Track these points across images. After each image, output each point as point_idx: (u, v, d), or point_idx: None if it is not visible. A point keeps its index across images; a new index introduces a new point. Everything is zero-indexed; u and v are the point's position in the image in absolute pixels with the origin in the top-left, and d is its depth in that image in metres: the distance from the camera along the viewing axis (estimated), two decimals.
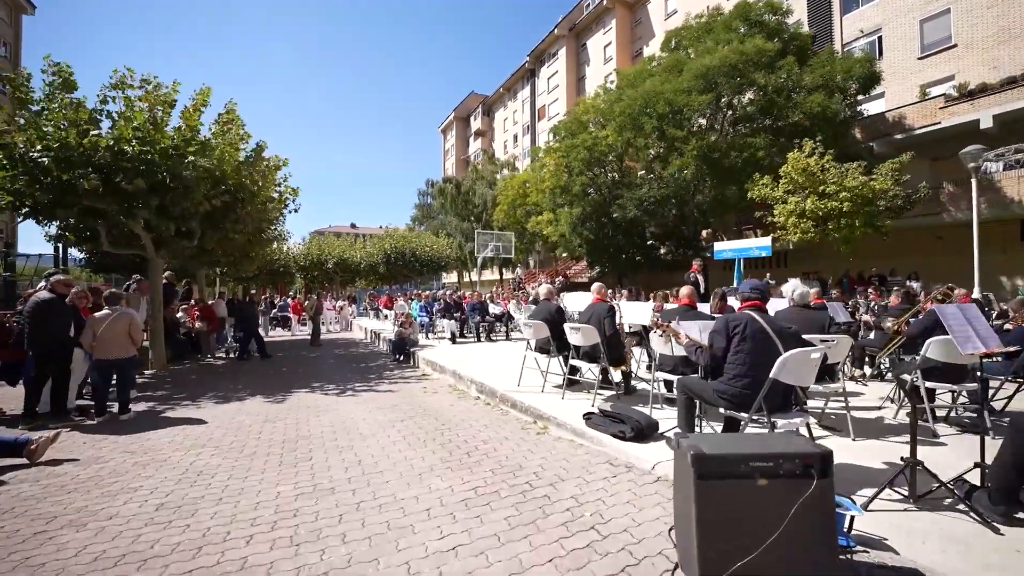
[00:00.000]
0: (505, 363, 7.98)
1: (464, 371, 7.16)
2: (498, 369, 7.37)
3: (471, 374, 6.91)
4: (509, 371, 7.11)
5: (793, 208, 13.97)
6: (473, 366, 7.70)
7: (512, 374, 6.80)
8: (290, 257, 27.79)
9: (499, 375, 6.84)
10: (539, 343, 6.05)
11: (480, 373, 6.99)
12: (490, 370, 7.29)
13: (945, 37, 19.51)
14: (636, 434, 3.87)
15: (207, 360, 11.07)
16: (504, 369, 7.32)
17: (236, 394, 7.00)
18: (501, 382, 6.32)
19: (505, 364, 7.86)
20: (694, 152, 16.59)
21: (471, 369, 7.36)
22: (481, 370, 7.28)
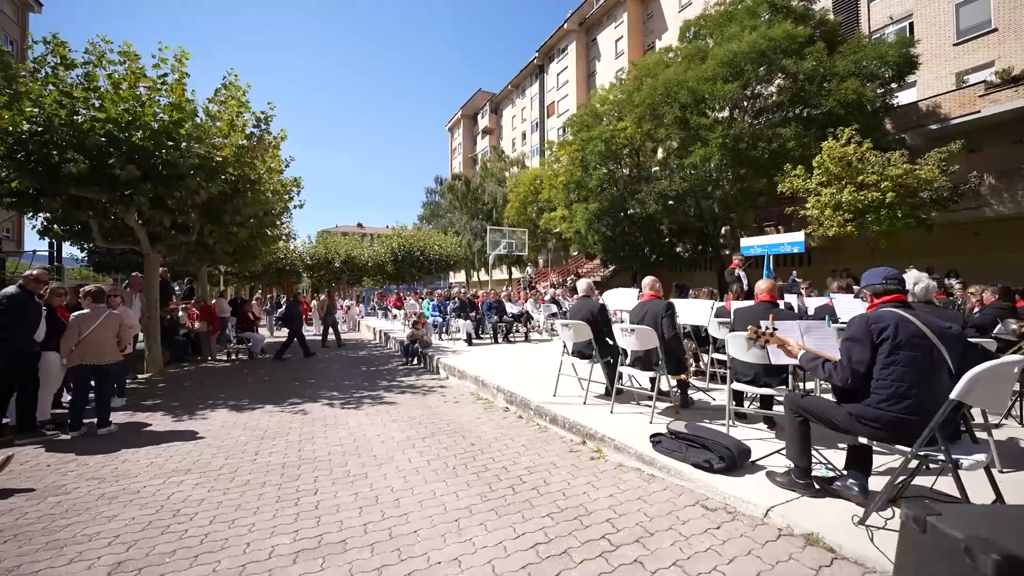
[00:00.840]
0: (532, 368, 7.18)
1: (489, 378, 6.37)
2: (526, 375, 6.57)
3: (497, 381, 6.11)
4: (539, 378, 6.33)
5: (828, 200, 13.06)
6: (497, 371, 6.90)
7: (543, 381, 6.02)
8: (296, 256, 27.13)
9: (528, 382, 6.04)
10: (578, 347, 5.24)
11: (507, 380, 6.19)
12: (517, 376, 6.49)
13: (984, 21, 18.47)
14: (727, 464, 3.06)
15: (207, 363, 10.35)
16: (533, 375, 6.53)
17: (234, 402, 6.25)
18: (533, 391, 5.52)
19: (532, 369, 7.06)
20: (719, 141, 15.69)
21: (496, 375, 6.56)
22: (507, 376, 6.48)
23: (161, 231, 9.13)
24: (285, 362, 10.27)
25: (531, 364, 7.63)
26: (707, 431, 3.38)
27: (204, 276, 14.25)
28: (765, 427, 4.12)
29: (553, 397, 5.25)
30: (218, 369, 9.53)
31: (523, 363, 7.77)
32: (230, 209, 9.21)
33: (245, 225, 9.95)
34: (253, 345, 10.92)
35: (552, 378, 6.01)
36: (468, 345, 10.19)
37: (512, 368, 7.25)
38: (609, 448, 3.79)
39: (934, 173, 12.08)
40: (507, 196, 37.77)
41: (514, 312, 11.31)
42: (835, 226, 13.06)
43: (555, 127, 45.58)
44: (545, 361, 7.92)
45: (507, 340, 10.77)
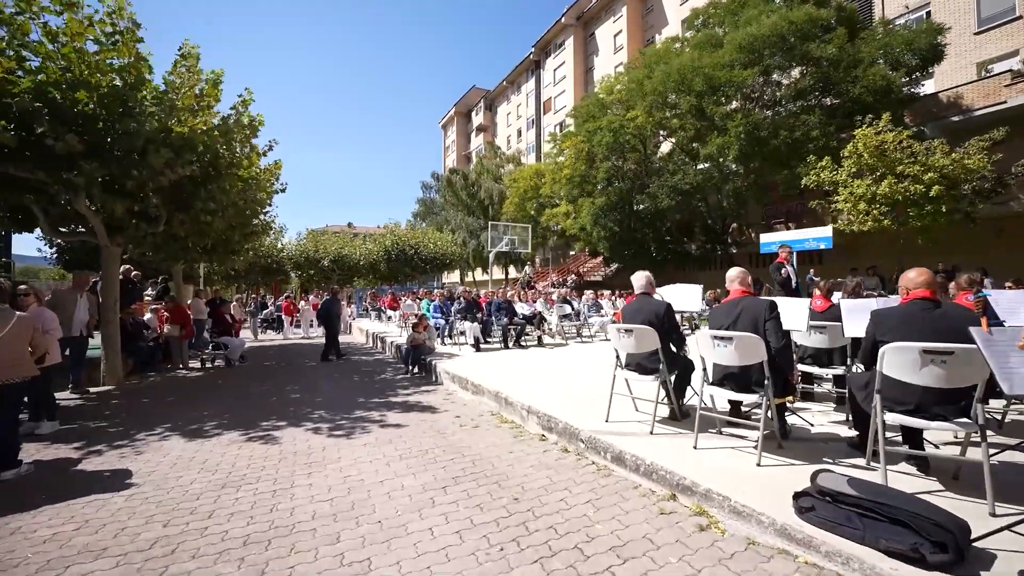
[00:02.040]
0: (562, 381, 6.01)
1: (513, 394, 5.18)
2: (558, 391, 5.40)
3: (525, 399, 4.93)
4: (575, 394, 5.17)
5: (863, 192, 12.07)
6: (520, 385, 5.72)
7: (581, 399, 4.88)
8: (283, 254, 25.71)
9: (564, 401, 4.88)
10: (637, 359, 4.09)
11: (537, 397, 5.02)
12: (547, 392, 5.32)
13: (1008, 9, 17.69)
14: (951, 556, 1.92)
15: (178, 372, 9.04)
16: (567, 391, 5.36)
17: (196, 426, 5.00)
18: (575, 414, 4.36)
19: (563, 382, 5.89)
20: (739, 130, 14.68)
21: (521, 390, 5.38)
22: (535, 392, 5.31)
23: (123, 220, 7.86)
24: (265, 371, 8.99)
25: (558, 375, 6.46)
26: (889, 493, 2.24)
27: (180, 274, 12.87)
28: (916, 470, 2.99)
29: (605, 423, 4.08)
30: (188, 380, 8.23)
31: (548, 374, 6.59)
32: (203, 195, 7.93)
33: (221, 214, 8.66)
34: (230, 351, 9.63)
35: (591, 395, 4.92)
36: (476, 351, 9.00)
37: (537, 381, 6.07)
38: (722, 511, 2.62)
39: (983, 162, 11.14)
40: (504, 193, 36.62)
41: (525, 313, 10.13)
42: (870, 220, 12.08)
43: (552, 124, 44.53)
44: (574, 371, 6.76)
45: (518, 345, 9.59)
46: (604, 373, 6.43)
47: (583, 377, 6.25)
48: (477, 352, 8.94)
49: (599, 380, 5.98)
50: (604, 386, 5.54)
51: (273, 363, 10.13)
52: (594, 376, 6.29)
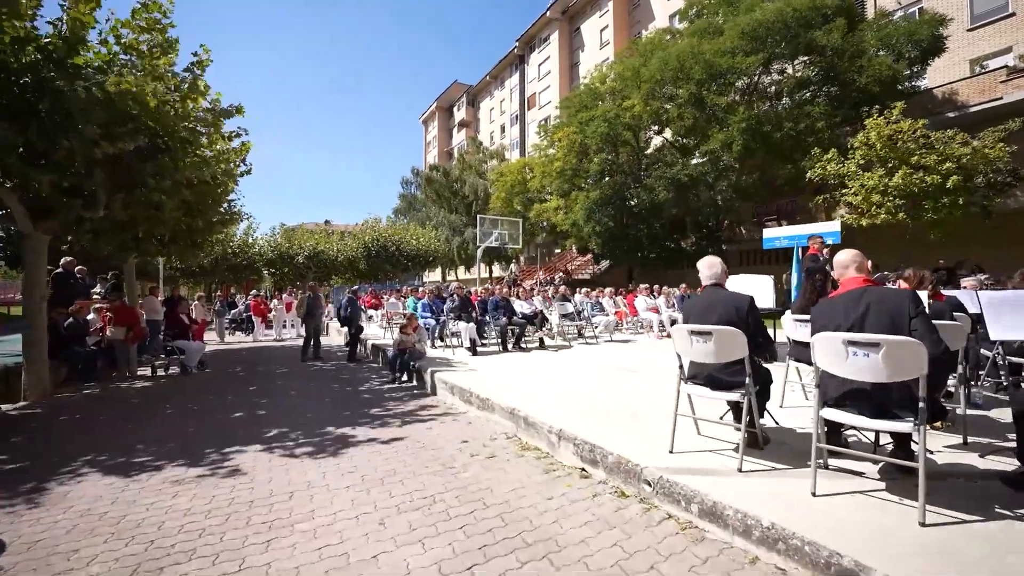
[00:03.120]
0: (582, 390, 5.03)
1: (535, 412, 4.17)
2: (583, 404, 4.42)
3: (551, 418, 3.93)
4: (608, 409, 4.21)
5: (875, 184, 11.50)
6: (536, 398, 4.72)
7: (614, 414, 3.98)
8: (254, 250, 24.10)
9: (597, 418, 3.90)
10: (710, 369, 3.14)
11: (563, 415, 4.03)
12: (572, 406, 4.34)
13: (1000, 6, 17.53)
14: None
15: (124, 382, 7.72)
16: (596, 405, 4.38)
17: (124, 458, 3.84)
18: (624, 440, 3.38)
19: (586, 393, 4.90)
20: (741, 123, 14.00)
21: (541, 406, 4.37)
22: (556, 407, 4.32)
23: (52, 200, 6.57)
24: (229, 378, 7.75)
25: (576, 384, 5.48)
26: None
27: (132, 270, 11.40)
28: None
29: (670, 455, 3.12)
30: (133, 392, 6.95)
31: (562, 382, 5.61)
32: (149, 170, 6.67)
33: (173, 196, 7.40)
34: (187, 357, 8.34)
35: (627, 410, 4.00)
36: (472, 354, 7.96)
37: (553, 391, 5.08)
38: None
39: (1003, 151, 10.66)
40: (488, 189, 35.55)
41: (525, 313, 9.14)
42: (883, 213, 11.51)
43: (536, 119, 43.67)
44: (591, 378, 5.79)
45: (518, 347, 8.59)
46: (629, 381, 5.55)
47: (607, 386, 5.29)
48: (474, 356, 7.90)
49: (628, 390, 5.04)
50: (638, 398, 4.63)
51: (239, 369, 8.88)
52: (620, 385, 5.34)
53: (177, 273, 22.80)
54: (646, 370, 6.32)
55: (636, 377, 5.83)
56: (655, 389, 5.07)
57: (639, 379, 5.71)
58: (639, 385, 5.34)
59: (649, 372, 6.18)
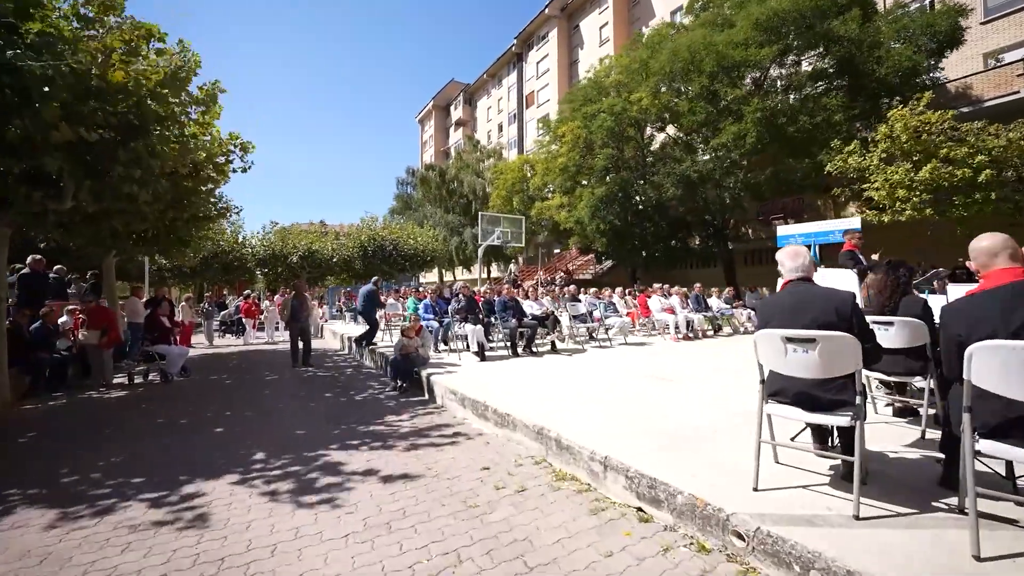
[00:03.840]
0: (614, 403, 4.36)
1: (567, 431, 3.51)
2: (620, 421, 3.77)
3: (589, 440, 3.27)
4: (654, 428, 3.55)
5: (901, 178, 10.93)
6: (563, 412, 4.06)
7: (662, 434, 3.30)
8: (246, 250, 23.27)
9: (643, 438, 3.25)
10: (805, 386, 2.48)
11: (600, 435, 3.37)
12: (608, 424, 3.69)
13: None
14: None
15: (96, 392, 6.99)
16: (637, 422, 3.72)
17: (80, 487, 3.16)
18: (690, 473, 2.73)
19: (618, 406, 4.23)
20: (756, 113, 13.42)
21: (572, 423, 3.72)
22: (589, 424, 3.67)
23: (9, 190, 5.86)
24: (214, 385, 7.03)
25: (605, 396, 4.82)
26: None
27: (111, 269, 10.61)
28: None
29: (755, 492, 2.47)
30: (104, 403, 6.24)
31: (591, 393, 4.95)
32: (123, 157, 5.96)
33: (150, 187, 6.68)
34: (168, 363, 7.62)
35: (676, 430, 3.32)
36: (480, 360, 7.29)
37: (585, 405, 4.42)
38: None
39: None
40: (487, 188, 34.90)
41: (536, 314, 8.48)
42: (909, 209, 10.94)
43: (534, 118, 43.07)
44: (619, 388, 5.12)
45: (529, 351, 7.94)
46: (667, 393, 4.85)
47: (645, 399, 4.64)
48: (482, 362, 7.23)
49: (670, 404, 4.37)
50: (686, 414, 3.95)
51: (225, 376, 8.17)
52: (658, 397, 4.68)
53: (167, 274, 21.99)
54: (681, 378, 5.68)
55: (673, 388, 5.18)
56: (702, 403, 4.42)
57: (677, 390, 5.06)
58: (680, 397, 4.69)
59: (686, 381, 5.53)
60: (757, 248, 22.70)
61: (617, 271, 25.01)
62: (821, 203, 20.81)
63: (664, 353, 8.08)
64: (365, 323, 9.43)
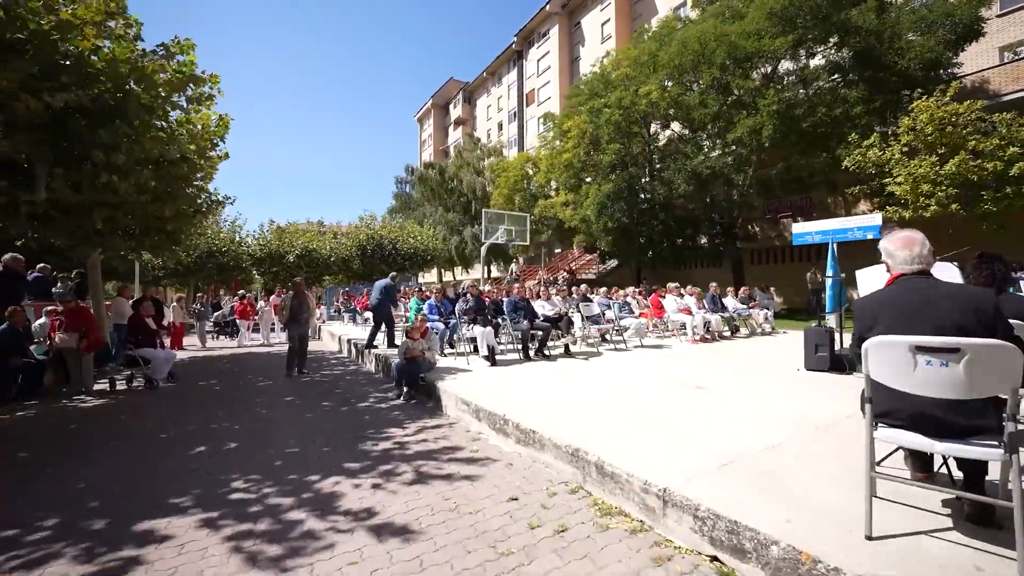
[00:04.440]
0: (650, 414, 3.82)
1: (608, 452, 2.98)
2: (663, 437, 3.24)
3: (641, 469, 2.74)
4: (717, 453, 2.98)
5: (926, 172, 10.44)
6: (600, 432, 3.54)
7: (732, 464, 2.72)
8: (241, 249, 22.69)
9: (710, 467, 2.71)
10: (935, 409, 1.95)
11: (650, 459, 2.84)
12: (653, 444, 3.16)
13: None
14: None
15: (73, 400, 6.43)
16: (698, 447, 3.18)
17: (13, 531, 2.60)
18: (774, 513, 2.20)
19: (655, 419, 3.69)
20: (772, 106, 12.91)
21: (615, 446, 3.19)
22: (635, 446, 3.14)
23: None
24: (200, 392, 6.47)
25: (644, 410, 4.28)
26: None
27: (97, 268, 9.99)
28: None
29: (869, 541, 1.94)
30: (79, 414, 5.67)
31: (624, 406, 4.41)
32: (100, 140, 5.42)
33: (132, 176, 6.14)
34: (153, 368, 7.06)
35: (740, 451, 2.77)
36: (490, 364, 6.75)
37: (619, 420, 3.88)
38: None
39: None
40: (487, 187, 34.37)
41: (548, 315, 7.94)
42: (934, 204, 10.44)
43: (535, 116, 42.56)
44: (660, 401, 4.58)
45: (541, 355, 7.40)
46: (709, 405, 4.18)
47: (685, 413, 4.10)
48: (493, 367, 6.69)
49: (717, 420, 3.80)
50: (742, 432, 3.35)
51: (215, 382, 7.61)
52: (702, 412, 4.13)
53: (160, 273, 21.39)
54: (717, 386, 5.14)
55: (712, 398, 4.64)
56: (753, 417, 3.89)
57: (718, 400, 4.52)
58: (725, 410, 4.15)
59: (723, 390, 5.00)
60: (764, 247, 22.21)
61: (621, 270, 24.48)
62: (831, 201, 20.33)
63: (686, 357, 7.56)
64: (374, 320, 8.85)
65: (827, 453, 2.96)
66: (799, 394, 4.70)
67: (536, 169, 23.35)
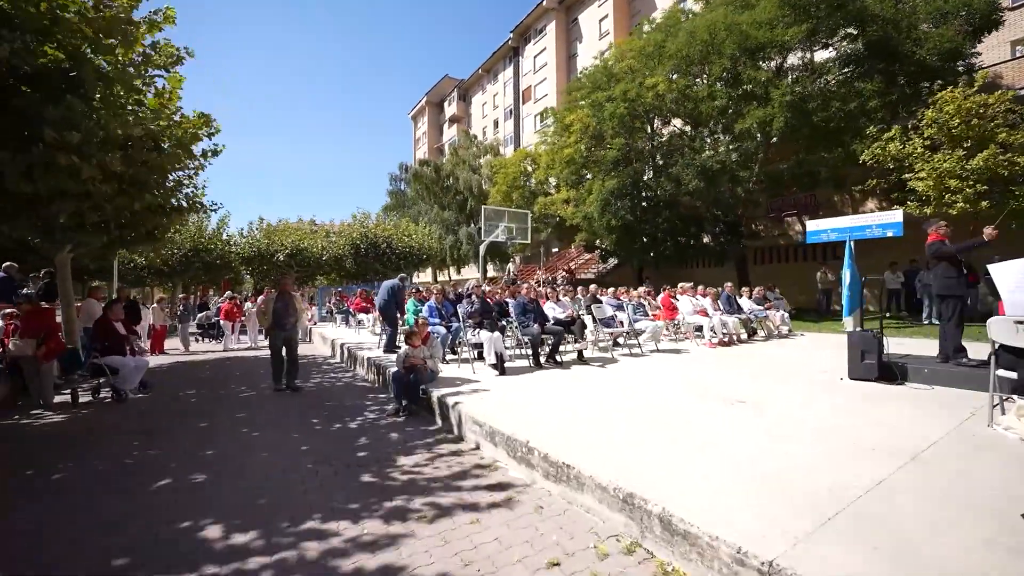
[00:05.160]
0: (709, 444, 3.17)
1: (672, 506, 2.34)
2: (749, 481, 2.60)
3: (731, 534, 2.10)
4: (806, 488, 2.31)
5: (952, 166, 9.90)
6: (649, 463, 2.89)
7: (836, 505, 2.06)
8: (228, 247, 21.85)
9: (821, 521, 2.08)
10: None
11: (734, 510, 2.21)
12: (721, 483, 2.52)
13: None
14: None
15: (29, 415, 5.68)
16: (777, 484, 2.52)
17: None
18: None
19: (735, 458, 3.02)
20: (785, 97, 12.35)
21: (671, 488, 2.55)
22: (702, 485, 2.50)
23: None
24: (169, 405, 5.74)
25: (684, 431, 3.64)
26: None
27: (67, 266, 9.19)
28: None
29: None
30: (30, 433, 4.93)
31: (659, 425, 3.76)
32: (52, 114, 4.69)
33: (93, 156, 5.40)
34: (122, 378, 6.31)
35: (807, 482, 2.13)
36: (498, 373, 6.08)
37: (656, 443, 3.24)
38: None
39: None
40: (483, 185, 33.68)
41: (560, 318, 7.29)
42: (960, 201, 9.91)
43: (532, 113, 41.92)
44: (697, 419, 3.92)
45: (553, 361, 6.75)
46: (754, 423, 3.44)
47: (737, 435, 3.46)
48: (501, 376, 6.02)
49: (778, 444, 3.11)
50: (813, 460, 2.64)
51: (192, 392, 6.87)
52: (752, 431, 3.48)
53: (144, 273, 20.49)
54: (761, 402, 4.51)
55: (762, 417, 4.01)
56: (821, 443, 3.25)
57: (770, 420, 3.89)
58: (784, 434, 3.52)
59: (770, 405, 4.37)
60: (768, 246, 21.68)
61: (621, 270, 23.89)
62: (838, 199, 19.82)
63: (709, 363, 6.94)
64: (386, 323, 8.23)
65: (949, 495, 2.33)
66: (860, 410, 4.09)
67: (535, 166, 22.67)
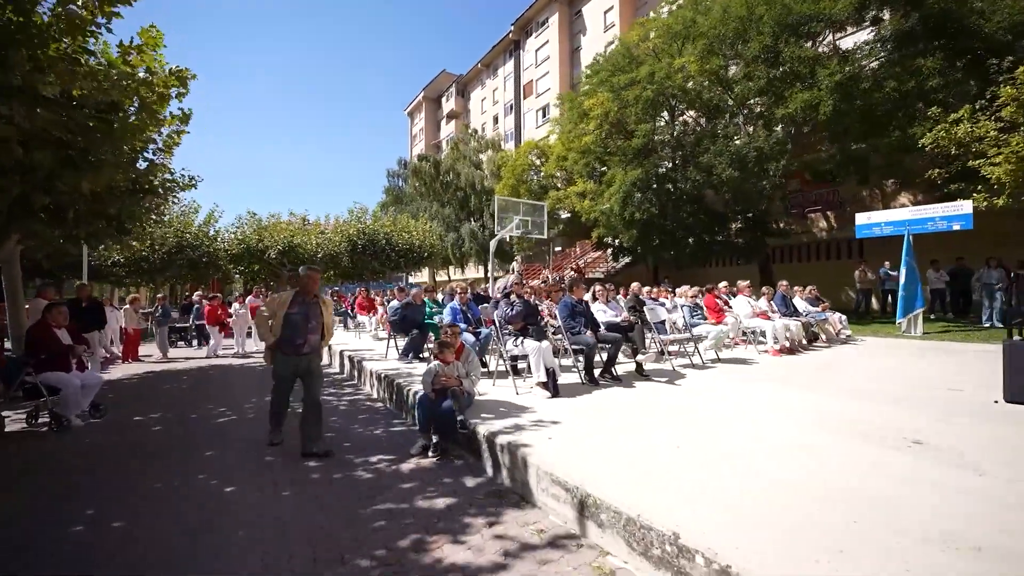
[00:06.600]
0: (934, 530, 1.85)
1: None
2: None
3: None
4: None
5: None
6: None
7: None
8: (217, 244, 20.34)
9: None
10: None
11: None
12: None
13: None
14: None
15: None
16: None
17: None
18: None
19: (957, 543, 1.74)
20: (834, 77, 11.13)
21: None
22: None
23: None
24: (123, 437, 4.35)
25: (875, 493, 2.32)
26: None
27: (15, 262, 7.71)
28: None
29: None
30: None
31: (812, 483, 2.45)
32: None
33: (16, 108, 4.01)
34: (63, 401, 4.91)
35: None
36: (550, 395, 4.74)
37: (830, 522, 1.92)
38: None
39: None
40: (484, 181, 32.35)
41: (613, 321, 5.97)
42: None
43: (533, 108, 40.68)
44: (859, 475, 2.59)
45: (610, 375, 5.43)
46: (943, 478, 2.23)
47: (940, 504, 2.15)
48: (554, 398, 4.68)
49: (1009, 521, 1.81)
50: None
51: (157, 416, 5.46)
52: (953, 495, 2.18)
53: (122, 271, 18.91)
54: (935, 443, 3.22)
55: (965, 469, 2.71)
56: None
57: (983, 477, 2.59)
58: (994, 493, 2.20)
59: (954, 451, 3.07)
60: (791, 244, 20.52)
61: (633, 269, 22.65)
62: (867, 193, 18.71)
63: (798, 379, 5.64)
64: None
65: None
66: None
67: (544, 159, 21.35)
